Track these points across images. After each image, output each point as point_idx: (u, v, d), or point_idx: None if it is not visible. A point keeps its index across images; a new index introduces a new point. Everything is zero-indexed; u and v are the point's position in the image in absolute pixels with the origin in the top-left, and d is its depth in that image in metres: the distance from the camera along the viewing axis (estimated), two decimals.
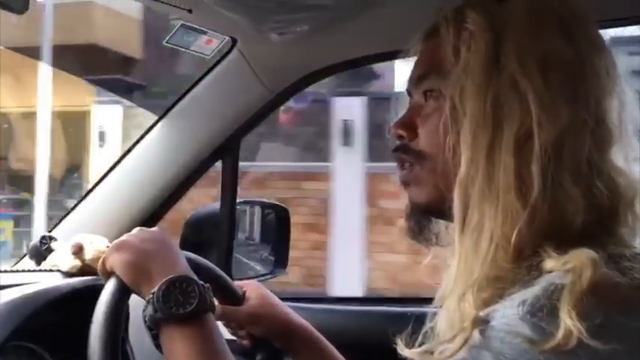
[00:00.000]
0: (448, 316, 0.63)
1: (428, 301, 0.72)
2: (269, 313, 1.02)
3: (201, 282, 0.78)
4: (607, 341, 0.55)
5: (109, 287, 0.80)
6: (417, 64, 0.76)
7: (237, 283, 1.05)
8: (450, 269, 0.66)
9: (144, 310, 0.77)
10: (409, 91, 0.78)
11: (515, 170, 0.62)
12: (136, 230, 0.86)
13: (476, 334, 0.58)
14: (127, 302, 0.81)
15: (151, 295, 0.75)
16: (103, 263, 0.83)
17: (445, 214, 0.70)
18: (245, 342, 1.05)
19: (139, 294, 0.80)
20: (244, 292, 1.03)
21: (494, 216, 0.63)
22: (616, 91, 0.67)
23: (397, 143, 0.76)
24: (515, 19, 0.66)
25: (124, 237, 0.84)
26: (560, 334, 0.55)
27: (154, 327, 0.76)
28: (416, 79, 0.75)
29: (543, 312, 0.56)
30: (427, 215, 0.76)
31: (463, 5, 0.70)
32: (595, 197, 0.63)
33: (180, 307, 0.74)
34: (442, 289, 0.67)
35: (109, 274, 0.82)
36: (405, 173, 0.75)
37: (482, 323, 0.59)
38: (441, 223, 0.76)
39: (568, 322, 0.55)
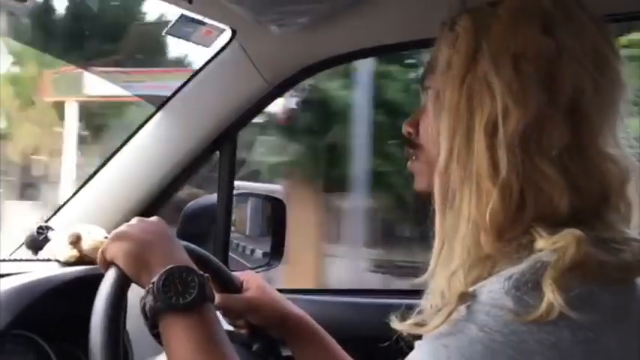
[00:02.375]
0: (435, 294, 0.66)
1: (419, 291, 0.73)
2: (268, 302, 1.03)
3: (201, 272, 0.78)
4: (586, 312, 0.58)
5: (110, 277, 0.79)
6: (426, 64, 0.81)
7: (234, 274, 1.06)
8: (433, 252, 0.70)
9: (142, 300, 0.77)
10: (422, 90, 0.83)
11: (488, 155, 0.66)
12: (135, 220, 0.86)
13: (462, 308, 0.61)
14: (127, 292, 0.80)
15: (150, 285, 0.75)
16: (103, 253, 0.83)
17: None
18: (242, 331, 1.05)
19: (138, 283, 0.80)
20: (242, 282, 1.04)
21: (470, 197, 0.66)
22: (604, 79, 0.68)
23: (407, 139, 0.82)
24: (497, 19, 0.69)
25: (123, 227, 0.84)
26: (542, 306, 0.57)
27: (154, 317, 0.76)
28: (421, 79, 0.81)
29: (527, 286, 0.59)
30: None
31: (464, 10, 0.73)
32: (580, 182, 0.65)
33: (180, 296, 0.75)
34: (429, 269, 0.70)
35: (108, 264, 0.82)
36: (410, 164, 0.81)
37: (469, 298, 0.61)
38: None
39: (549, 295, 0.57)
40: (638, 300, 0.65)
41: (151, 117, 1.41)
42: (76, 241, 1.12)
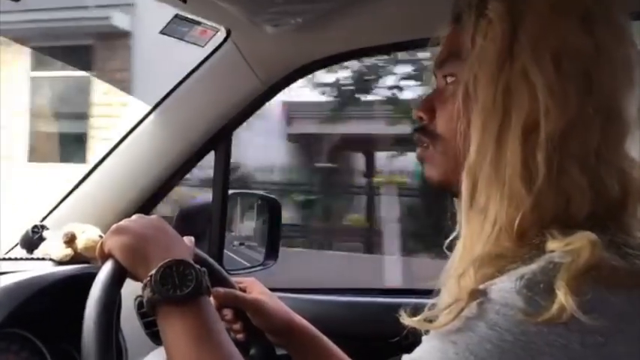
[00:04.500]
0: (449, 292, 0.65)
1: (423, 292, 0.73)
2: (275, 307, 1.03)
3: (198, 266, 0.78)
4: (597, 317, 0.57)
5: (106, 269, 0.80)
6: (441, 49, 0.77)
7: (235, 279, 1.06)
8: (455, 249, 0.69)
9: (138, 297, 0.77)
10: (435, 74, 0.79)
11: (522, 157, 0.64)
12: (135, 216, 0.87)
13: (473, 305, 0.60)
14: (122, 284, 0.80)
15: (148, 278, 0.76)
16: (101, 246, 0.83)
17: (455, 193, 0.72)
18: (239, 336, 1.05)
19: (135, 277, 0.80)
20: (244, 288, 1.04)
21: (499, 200, 0.64)
22: (636, 82, 0.67)
23: (418, 124, 0.78)
24: (535, 9, 0.67)
25: (123, 221, 0.85)
26: (554, 308, 0.57)
27: (151, 309, 0.76)
28: (438, 63, 0.77)
29: (539, 287, 0.58)
30: (441, 191, 0.78)
31: None
32: (603, 188, 0.64)
33: (178, 289, 0.75)
34: (447, 268, 0.69)
35: (106, 257, 0.82)
36: (421, 151, 0.78)
37: (479, 295, 0.60)
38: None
39: (562, 297, 0.57)
40: None
41: (145, 116, 1.41)
42: (70, 240, 1.12)
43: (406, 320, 0.65)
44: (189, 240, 0.91)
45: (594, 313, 0.57)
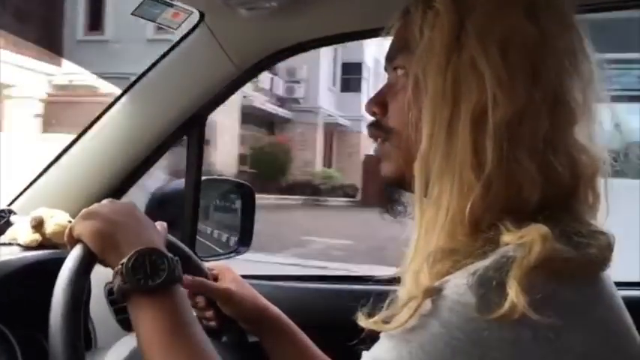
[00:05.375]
0: (407, 288, 0.65)
1: (392, 281, 0.73)
2: (243, 294, 1.03)
3: (170, 255, 0.78)
4: (548, 314, 0.58)
5: (75, 253, 0.79)
6: (391, 42, 0.78)
7: (208, 265, 1.05)
8: (411, 242, 0.69)
9: (108, 284, 0.76)
10: (386, 68, 0.80)
11: (472, 146, 0.65)
12: (106, 201, 0.86)
13: (427, 302, 0.61)
14: (91, 269, 0.79)
15: (119, 266, 0.75)
16: (70, 230, 0.82)
17: (410, 188, 0.72)
18: (212, 323, 1.05)
19: (105, 263, 0.79)
20: (216, 275, 1.04)
21: (451, 190, 0.65)
22: (581, 70, 0.69)
23: (371, 119, 0.79)
24: (481, 0, 0.68)
25: (92, 206, 0.83)
26: (505, 305, 0.57)
27: (122, 298, 0.76)
28: (389, 57, 0.78)
29: (492, 284, 0.59)
30: (397, 188, 0.79)
31: None
32: (554, 174, 0.65)
33: (149, 279, 0.74)
34: (404, 262, 0.69)
35: (75, 242, 0.81)
36: (377, 148, 0.78)
37: (434, 293, 0.61)
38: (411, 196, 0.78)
39: (513, 295, 0.57)
40: (603, 294, 0.65)
41: (117, 100, 1.38)
42: (38, 224, 1.10)
43: (363, 322, 0.65)
44: (161, 226, 0.90)
45: (545, 309, 0.58)
